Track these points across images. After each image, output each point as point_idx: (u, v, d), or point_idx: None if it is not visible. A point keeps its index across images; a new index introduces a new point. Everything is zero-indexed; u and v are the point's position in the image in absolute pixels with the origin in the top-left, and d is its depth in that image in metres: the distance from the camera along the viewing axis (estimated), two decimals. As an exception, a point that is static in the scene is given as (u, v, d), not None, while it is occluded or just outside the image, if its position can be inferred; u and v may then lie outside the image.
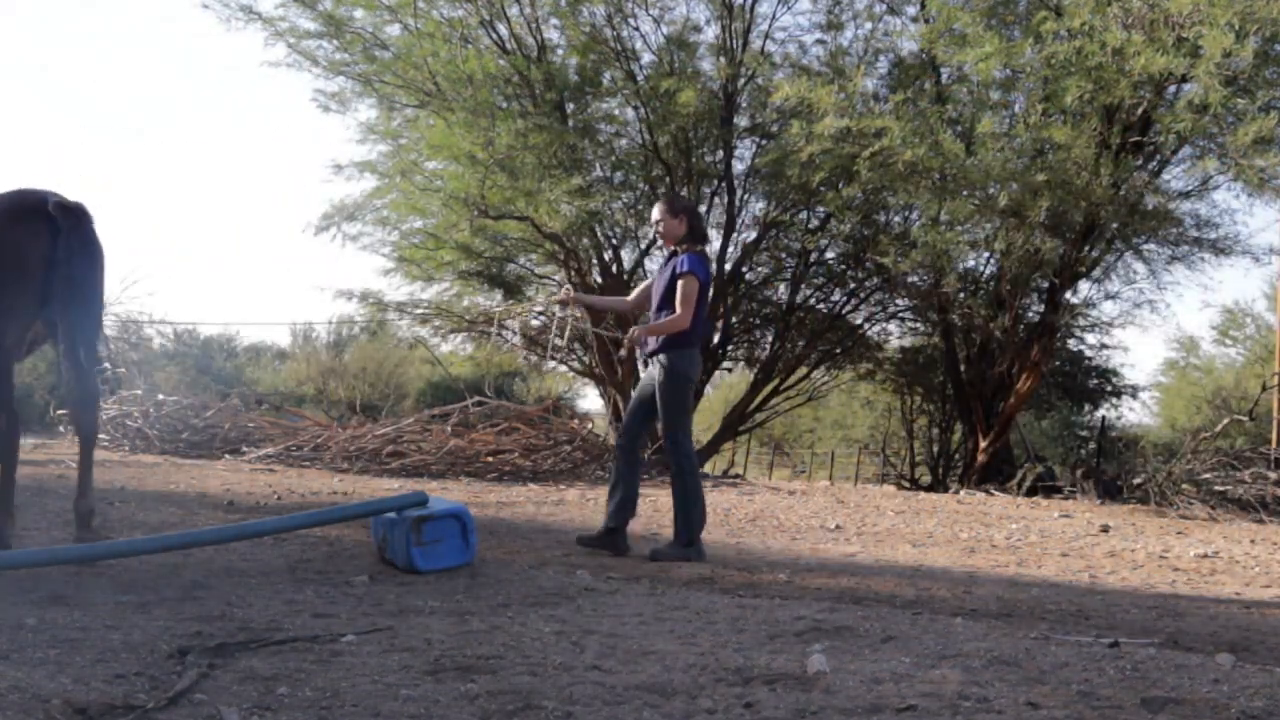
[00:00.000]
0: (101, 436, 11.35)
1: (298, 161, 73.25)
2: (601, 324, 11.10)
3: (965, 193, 10.51)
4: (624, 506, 5.04)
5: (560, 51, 12.67)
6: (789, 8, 12.98)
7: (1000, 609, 3.85)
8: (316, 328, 26.90)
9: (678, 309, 4.88)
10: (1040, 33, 9.55)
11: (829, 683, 2.58)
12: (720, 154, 13.19)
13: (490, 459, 10.12)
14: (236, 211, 61.51)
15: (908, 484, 15.23)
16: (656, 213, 5.12)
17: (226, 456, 10.33)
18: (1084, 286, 13.17)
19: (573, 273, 13.20)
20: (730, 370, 16.88)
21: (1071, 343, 15.60)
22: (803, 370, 14.79)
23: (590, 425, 13.04)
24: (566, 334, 6.85)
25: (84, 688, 2.34)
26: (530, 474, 9.96)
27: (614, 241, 13.59)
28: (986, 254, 12.70)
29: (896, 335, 15.99)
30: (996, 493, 10.98)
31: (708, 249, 5.65)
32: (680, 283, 4.90)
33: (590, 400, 22.69)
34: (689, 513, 4.92)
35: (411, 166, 13.13)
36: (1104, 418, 16.59)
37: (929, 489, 13.48)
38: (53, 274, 3.82)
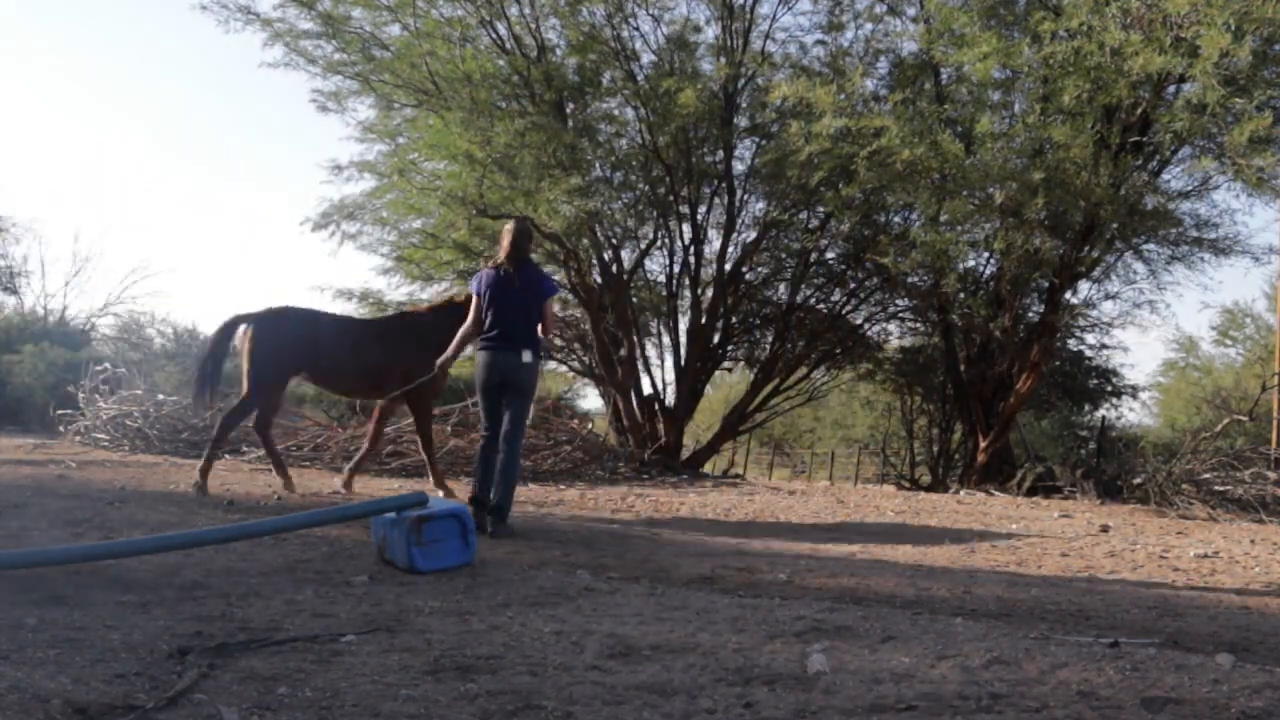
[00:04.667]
0: (101, 436, 11.35)
1: (297, 161, 73.26)
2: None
3: (965, 193, 10.51)
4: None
5: (560, 51, 12.66)
6: (789, 8, 12.97)
7: (1000, 609, 3.85)
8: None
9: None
10: (1038, 33, 9.55)
11: (829, 683, 2.58)
12: (720, 154, 13.18)
13: (490, 459, 10.10)
14: (237, 211, 61.52)
15: (908, 484, 15.22)
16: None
17: (226, 456, 10.33)
18: (1084, 286, 13.18)
19: (572, 273, 13.20)
20: (730, 370, 16.87)
21: (1071, 343, 15.60)
22: (803, 370, 14.78)
23: (590, 425, 13.02)
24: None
25: (84, 688, 2.34)
26: (530, 474, 9.95)
27: (614, 241, 13.59)
28: (986, 254, 12.70)
29: (896, 335, 15.99)
30: (996, 493, 10.97)
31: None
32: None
33: (590, 400, 22.67)
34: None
35: (410, 166, 13.12)
36: (1104, 418, 16.58)
37: (929, 489, 13.48)
38: None
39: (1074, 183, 9.84)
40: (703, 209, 13.42)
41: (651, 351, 14.48)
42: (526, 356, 5.48)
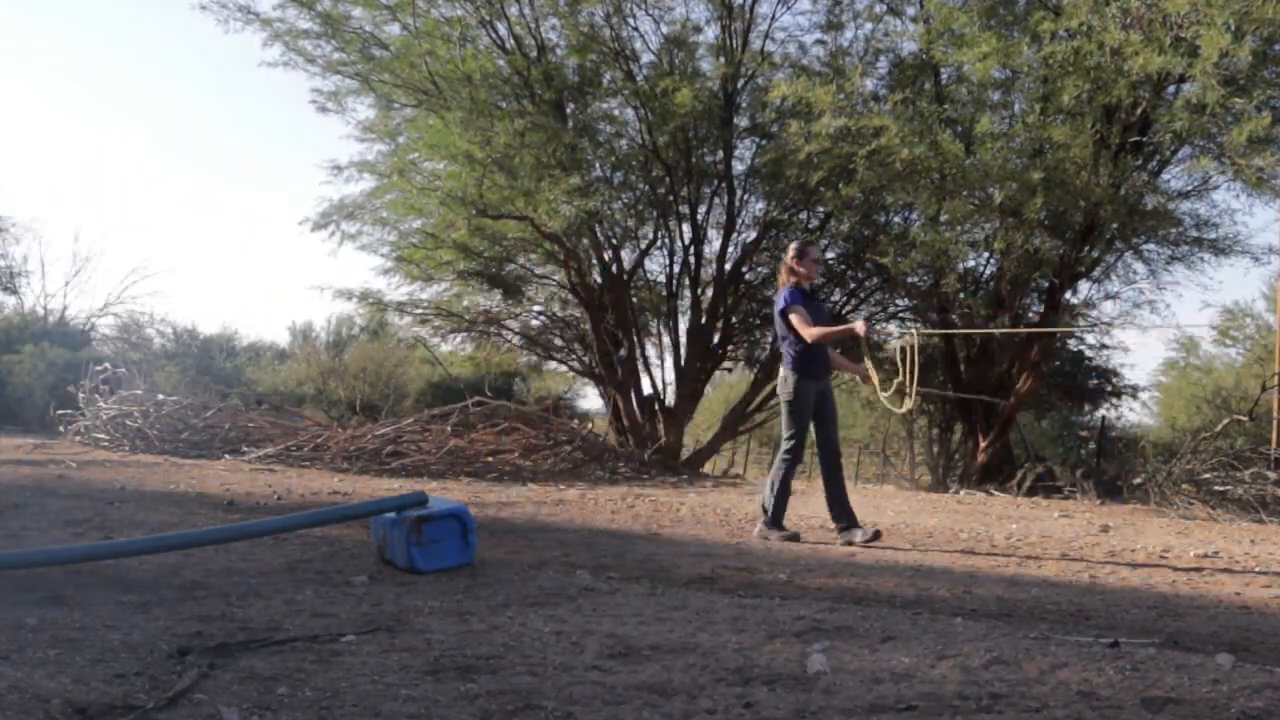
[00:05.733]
0: (101, 436, 11.35)
1: (297, 161, 73.27)
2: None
3: (965, 193, 10.50)
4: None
5: (560, 51, 12.66)
6: (789, 8, 12.94)
7: (1000, 609, 3.85)
8: (316, 328, 26.90)
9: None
10: (1038, 33, 9.55)
11: (829, 683, 2.58)
12: (720, 154, 13.18)
13: (490, 459, 10.11)
14: (237, 211, 61.52)
15: (908, 484, 15.22)
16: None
17: (226, 456, 10.33)
18: (1084, 286, 13.16)
19: (572, 273, 13.19)
20: (730, 370, 16.87)
21: (1071, 343, 15.58)
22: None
23: (590, 425, 13.02)
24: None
25: (84, 688, 2.34)
26: (530, 474, 9.96)
27: (614, 242, 13.59)
28: (986, 254, 12.69)
29: (896, 335, 15.96)
30: (996, 493, 10.97)
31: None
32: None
33: (590, 400, 22.69)
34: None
35: (410, 166, 13.13)
36: (1104, 418, 16.58)
37: (929, 489, 13.47)
38: None
39: (1074, 183, 9.84)
40: (703, 209, 13.41)
41: (651, 351, 14.48)
42: (780, 371, 6.05)
